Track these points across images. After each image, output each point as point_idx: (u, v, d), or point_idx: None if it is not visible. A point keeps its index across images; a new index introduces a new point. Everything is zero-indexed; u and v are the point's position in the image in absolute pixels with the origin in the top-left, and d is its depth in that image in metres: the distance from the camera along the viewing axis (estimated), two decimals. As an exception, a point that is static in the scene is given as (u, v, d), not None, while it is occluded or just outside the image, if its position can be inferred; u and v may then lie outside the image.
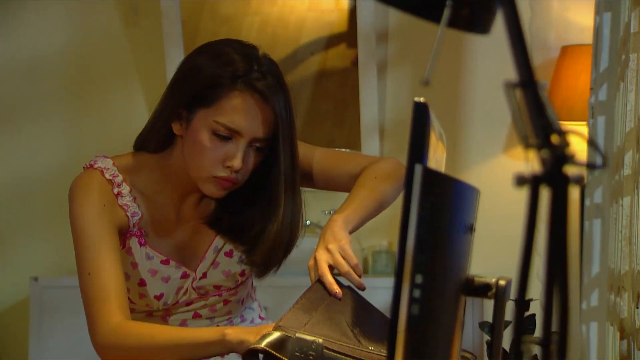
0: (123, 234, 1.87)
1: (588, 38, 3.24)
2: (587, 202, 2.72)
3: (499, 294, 1.42)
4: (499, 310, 1.43)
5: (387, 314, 1.56)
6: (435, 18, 1.07)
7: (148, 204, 1.89)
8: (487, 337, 3.24)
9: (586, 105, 2.84)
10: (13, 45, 3.76)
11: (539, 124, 0.94)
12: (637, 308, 1.88)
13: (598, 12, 2.64)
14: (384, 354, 1.55)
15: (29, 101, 3.77)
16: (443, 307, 1.28)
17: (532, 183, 0.93)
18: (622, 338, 2.06)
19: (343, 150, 3.76)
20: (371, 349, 1.56)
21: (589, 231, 2.66)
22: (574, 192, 0.88)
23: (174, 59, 3.64)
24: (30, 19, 3.74)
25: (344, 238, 1.77)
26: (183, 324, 1.95)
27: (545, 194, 0.94)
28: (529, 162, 0.95)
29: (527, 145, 0.95)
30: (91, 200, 1.83)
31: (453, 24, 1.07)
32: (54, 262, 3.72)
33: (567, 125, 3.17)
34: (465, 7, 1.06)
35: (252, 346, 1.52)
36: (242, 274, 1.95)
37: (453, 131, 3.65)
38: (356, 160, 2.00)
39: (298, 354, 1.52)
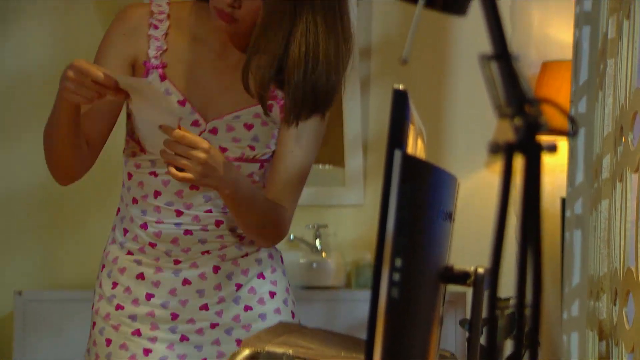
0: (144, 65, 1.92)
1: (568, 54, 3.28)
2: (568, 214, 2.74)
3: (478, 282, 1.44)
4: (477, 298, 1.45)
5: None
6: (413, -2, 1.10)
7: (185, 41, 1.93)
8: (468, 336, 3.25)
9: (566, 119, 2.86)
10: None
11: (512, 94, 0.97)
12: (615, 305, 1.91)
13: (577, 25, 2.68)
14: (355, 356, 1.56)
15: (11, 116, 3.77)
16: (422, 293, 1.30)
17: (505, 151, 0.96)
18: (601, 339, 2.08)
19: (325, 166, 3.79)
20: (343, 355, 1.57)
21: (570, 242, 2.68)
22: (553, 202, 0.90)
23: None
24: (14, 31, 3.75)
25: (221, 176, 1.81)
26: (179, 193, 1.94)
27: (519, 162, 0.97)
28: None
29: (501, 115, 0.98)
30: (113, 28, 1.94)
31: (431, 3, 1.10)
32: (38, 276, 3.72)
33: (547, 137, 3.21)
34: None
35: None
36: (252, 148, 1.94)
37: (435, 146, 3.68)
38: (286, 194, 1.96)
39: None
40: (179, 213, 1.95)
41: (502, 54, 0.98)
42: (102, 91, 1.76)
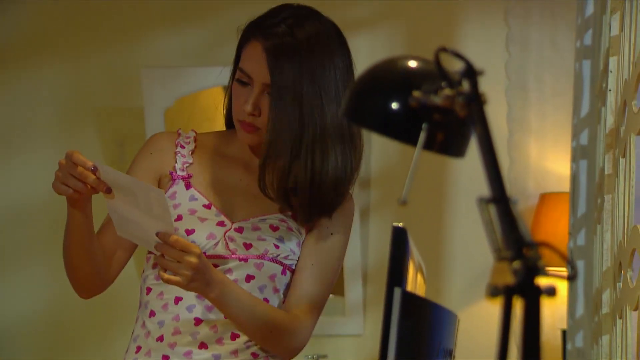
0: (169, 174, 1.98)
1: (565, 186, 3.32)
2: (569, 346, 2.72)
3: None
4: None
5: None
6: (412, 141, 1.12)
7: (211, 157, 2.00)
8: None
9: (565, 250, 2.88)
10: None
11: (511, 237, 0.98)
12: None
13: (574, 159, 2.72)
14: None
15: (16, 245, 3.78)
16: None
17: (505, 294, 0.96)
18: None
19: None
20: None
21: (571, 375, 2.66)
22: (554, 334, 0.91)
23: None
24: (19, 156, 3.79)
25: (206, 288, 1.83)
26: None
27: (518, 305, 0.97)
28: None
29: (500, 258, 0.98)
30: (142, 149, 2.01)
31: (429, 146, 1.13)
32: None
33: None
34: (440, 130, 1.11)
35: None
36: (277, 247, 1.95)
37: (435, 279, 3.68)
38: (301, 305, 1.97)
39: None
40: (197, 322, 1.94)
41: (500, 198, 1.00)
42: (84, 178, 1.79)
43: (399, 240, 1.31)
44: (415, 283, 1.49)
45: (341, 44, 1.95)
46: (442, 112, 1.09)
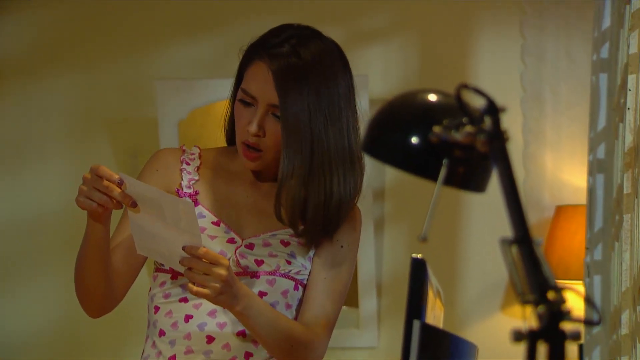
0: (176, 192, 1.96)
1: (582, 198, 3.29)
2: (586, 362, 2.70)
3: None
4: None
5: None
6: (432, 176, 1.11)
7: (217, 174, 1.99)
8: None
9: (582, 264, 2.86)
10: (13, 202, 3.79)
11: (535, 280, 0.96)
12: None
13: (591, 173, 2.69)
14: None
15: (28, 259, 3.78)
16: None
17: (529, 339, 0.94)
18: None
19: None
20: None
21: (588, 391, 2.64)
22: (571, 349, 0.89)
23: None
24: (33, 171, 3.79)
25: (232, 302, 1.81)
26: (212, 313, 1.92)
27: (542, 350, 0.95)
28: (526, 319, 0.96)
29: (524, 302, 0.96)
30: (146, 166, 1.99)
31: (449, 182, 1.11)
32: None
33: (563, 283, 3.18)
34: (461, 165, 1.09)
35: None
36: (289, 262, 1.95)
37: (450, 289, 3.66)
38: (319, 320, 1.97)
39: None
40: (209, 339, 1.93)
41: (523, 238, 0.98)
42: (109, 192, 1.76)
43: (418, 273, 1.29)
44: (434, 309, 1.47)
45: (344, 64, 1.95)
46: (463, 148, 1.07)
